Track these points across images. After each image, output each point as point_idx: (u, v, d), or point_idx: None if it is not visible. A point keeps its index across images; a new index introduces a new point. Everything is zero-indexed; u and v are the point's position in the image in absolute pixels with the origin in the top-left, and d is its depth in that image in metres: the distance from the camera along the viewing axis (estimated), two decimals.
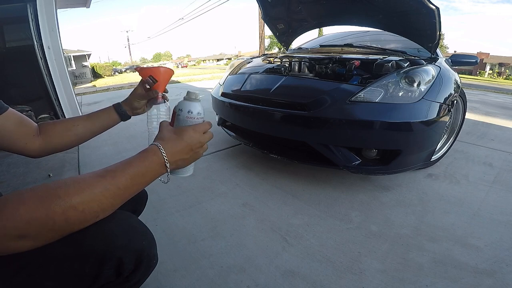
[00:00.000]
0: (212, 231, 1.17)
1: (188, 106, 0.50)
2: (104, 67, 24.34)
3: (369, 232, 1.16)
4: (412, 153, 1.37)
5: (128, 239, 0.45)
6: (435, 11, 1.49)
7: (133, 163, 0.42)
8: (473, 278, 0.91)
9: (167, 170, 0.45)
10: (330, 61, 1.89)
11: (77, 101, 3.36)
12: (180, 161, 0.47)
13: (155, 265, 0.52)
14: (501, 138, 2.49)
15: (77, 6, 4.45)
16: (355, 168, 1.37)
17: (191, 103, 0.50)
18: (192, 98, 0.50)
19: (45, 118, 2.76)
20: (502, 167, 1.81)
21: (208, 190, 1.53)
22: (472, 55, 2.21)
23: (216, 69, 23.16)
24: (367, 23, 2.18)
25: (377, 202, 1.39)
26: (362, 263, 0.99)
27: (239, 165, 1.85)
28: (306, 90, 1.55)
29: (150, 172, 0.43)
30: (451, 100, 1.47)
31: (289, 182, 1.61)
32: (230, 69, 2.28)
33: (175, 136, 0.47)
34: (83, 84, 14.07)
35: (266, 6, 2.32)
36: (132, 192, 0.42)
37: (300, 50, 2.66)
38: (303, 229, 1.18)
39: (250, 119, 1.65)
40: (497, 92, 7.97)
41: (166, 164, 0.44)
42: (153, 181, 0.45)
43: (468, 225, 1.20)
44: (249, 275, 0.94)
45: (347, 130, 1.31)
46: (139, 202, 0.77)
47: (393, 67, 1.49)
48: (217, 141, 2.33)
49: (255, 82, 1.79)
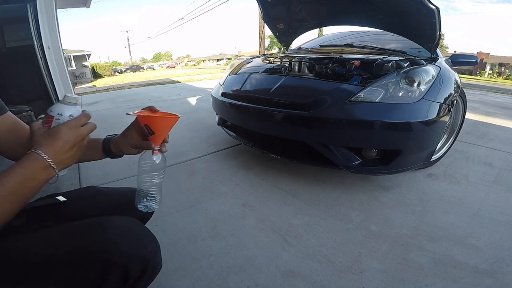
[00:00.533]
0: (212, 231, 1.17)
1: (69, 110, 0.48)
2: (104, 67, 24.34)
3: (369, 232, 1.16)
4: (412, 153, 1.37)
5: (134, 247, 0.46)
6: (435, 11, 1.49)
7: (17, 170, 0.42)
8: (473, 278, 0.91)
9: (55, 171, 0.45)
10: (330, 61, 1.89)
11: None
12: (67, 159, 0.47)
13: (159, 271, 0.52)
14: (501, 138, 2.49)
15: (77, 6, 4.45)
16: (355, 168, 1.37)
17: (72, 107, 0.49)
18: (73, 102, 0.49)
19: None
20: (502, 167, 1.81)
21: (208, 190, 1.53)
22: (472, 55, 2.21)
23: (216, 69, 23.17)
24: (367, 23, 2.18)
25: (377, 202, 1.39)
26: (362, 263, 0.99)
27: (239, 165, 1.85)
28: (306, 90, 1.55)
29: (37, 175, 0.43)
30: (451, 100, 1.47)
31: (289, 182, 1.60)
32: (230, 69, 2.28)
33: (51, 138, 0.46)
34: (83, 84, 14.08)
35: (266, 6, 2.32)
36: (25, 196, 0.42)
37: (300, 50, 2.66)
38: (303, 229, 1.18)
39: (250, 119, 1.65)
40: (497, 92, 7.96)
41: (53, 166, 0.44)
42: (46, 182, 0.45)
43: (468, 225, 1.20)
44: (249, 275, 0.94)
45: (347, 130, 1.31)
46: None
47: (393, 67, 1.49)
48: (217, 141, 2.33)
49: (255, 82, 1.79)
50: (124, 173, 1.73)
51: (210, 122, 2.99)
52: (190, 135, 2.57)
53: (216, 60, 62.67)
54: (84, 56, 19.99)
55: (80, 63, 19.16)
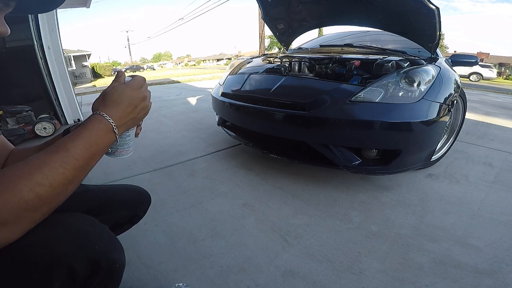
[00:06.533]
0: (212, 231, 1.17)
1: None
2: (104, 67, 24.32)
3: (369, 232, 1.16)
4: (412, 153, 1.37)
5: (77, 245, 0.44)
6: (435, 11, 1.49)
7: (81, 134, 0.41)
8: (473, 278, 0.91)
9: (116, 135, 0.44)
10: (330, 61, 1.89)
11: (77, 101, 3.36)
12: (129, 121, 0.46)
13: (120, 269, 0.50)
14: (501, 138, 2.49)
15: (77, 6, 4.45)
16: (355, 168, 1.37)
17: None
18: None
19: (45, 118, 2.76)
20: (502, 167, 1.81)
21: (208, 190, 1.53)
22: (472, 55, 2.21)
23: (216, 69, 23.16)
24: (367, 23, 2.18)
25: (377, 202, 1.39)
26: (362, 263, 0.99)
27: (239, 165, 1.85)
28: (306, 90, 1.55)
29: (101, 140, 0.42)
30: (451, 100, 1.46)
31: (289, 182, 1.60)
32: (230, 69, 2.28)
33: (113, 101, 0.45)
34: (83, 84, 14.06)
35: (266, 6, 2.32)
36: (92, 162, 0.42)
37: (300, 50, 2.66)
38: (303, 229, 1.18)
39: (250, 119, 1.65)
40: (497, 92, 7.96)
41: (115, 130, 0.43)
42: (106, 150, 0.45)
43: (468, 225, 1.20)
44: (249, 275, 0.94)
45: (347, 130, 1.31)
46: (138, 207, 0.76)
47: (393, 67, 1.49)
48: (217, 141, 2.33)
49: (255, 82, 1.79)
50: (124, 173, 1.73)
51: (210, 122, 2.99)
52: (190, 135, 2.57)
53: (216, 60, 62.64)
54: (84, 56, 19.97)
55: (80, 63, 19.14)
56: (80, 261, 0.43)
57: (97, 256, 0.45)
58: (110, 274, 0.48)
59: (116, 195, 0.73)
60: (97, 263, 0.45)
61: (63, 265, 0.42)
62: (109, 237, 0.50)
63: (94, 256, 0.45)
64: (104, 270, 0.46)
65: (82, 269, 0.43)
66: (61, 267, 0.42)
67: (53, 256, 0.42)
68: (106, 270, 0.46)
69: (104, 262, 0.46)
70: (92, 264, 0.44)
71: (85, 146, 0.40)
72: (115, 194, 0.73)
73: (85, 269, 0.44)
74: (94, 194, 0.70)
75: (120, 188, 0.77)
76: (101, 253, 0.46)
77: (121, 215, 0.72)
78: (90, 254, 0.45)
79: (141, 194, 0.78)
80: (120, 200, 0.72)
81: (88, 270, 0.44)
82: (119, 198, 0.72)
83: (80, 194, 0.70)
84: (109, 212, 0.68)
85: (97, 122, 0.42)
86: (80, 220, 0.49)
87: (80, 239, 0.45)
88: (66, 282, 0.43)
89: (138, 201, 0.77)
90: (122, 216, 0.72)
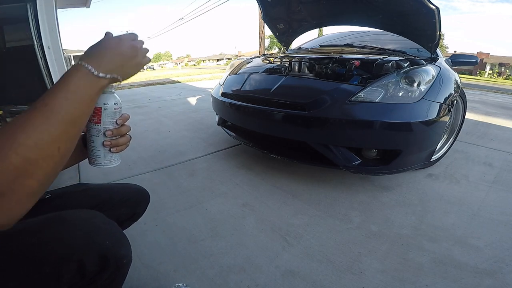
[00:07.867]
0: (212, 231, 1.17)
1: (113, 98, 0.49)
2: None
3: (369, 232, 1.16)
4: (412, 153, 1.37)
5: (88, 240, 0.44)
6: (435, 11, 1.49)
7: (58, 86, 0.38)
8: (473, 278, 0.91)
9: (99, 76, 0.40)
10: (330, 61, 1.89)
11: None
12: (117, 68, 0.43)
13: (127, 265, 0.51)
14: (501, 138, 2.49)
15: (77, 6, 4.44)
16: (355, 168, 1.37)
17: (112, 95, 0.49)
18: (112, 90, 0.49)
19: None
20: (502, 167, 1.81)
21: (208, 190, 1.53)
22: (472, 55, 2.21)
23: (216, 69, 23.15)
24: (367, 23, 2.18)
25: (377, 202, 1.39)
26: (362, 263, 0.99)
27: (239, 165, 1.85)
28: (306, 90, 1.55)
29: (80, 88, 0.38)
30: (451, 100, 1.47)
31: (289, 182, 1.60)
32: (230, 69, 2.28)
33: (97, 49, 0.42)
34: None
35: (266, 6, 2.32)
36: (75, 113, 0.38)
37: (300, 50, 2.66)
38: (303, 229, 1.18)
39: (250, 119, 1.65)
40: (497, 92, 7.96)
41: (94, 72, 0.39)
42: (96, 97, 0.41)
43: (468, 225, 1.20)
44: (249, 275, 0.94)
45: (347, 130, 1.31)
46: (138, 205, 0.77)
47: (393, 67, 1.49)
48: (217, 141, 2.33)
49: (255, 82, 1.79)
50: (124, 174, 1.73)
51: (210, 122, 2.99)
52: (190, 135, 2.57)
53: (216, 60, 62.69)
54: None
55: None
56: (91, 255, 0.44)
57: (107, 251, 0.46)
58: (118, 269, 0.49)
59: (116, 193, 0.73)
60: (106, 259, 0.45)
61: (74, 259, 0.42)
62: (118, 233, 0.50)
63: (104, 252, 0.45)
64: (112, 265, 0.47)
65: (92, 264, 0.44)
66: (71, 261, 0.42)
67: (65, 250, 0.42)
68: (114, 266, 0.47)
69: (113, 258, 0.46)
70: (101, 260, 0.45)
71: (64, 96, 0.37)
72: (115, 192, 0.73)
73: (95, 264, 0.44)
74: (94, 193, 0.71)
75: (120, 186, 0.78)
76: (111, 249, 0.46)
77: (122, 213, 0.73)
78: (100, 249, 0.45)
79: (140, 192, 0.78)
80: (120, 199, 0.73)
81: (97, 266, 0.45)
82: (119, 197, 0.73)
83: (80, 192, 0.70)
84: (110, 210, 0.69)
85: (74, 70, 0.39)
86: (92, 216, 0.49)
87: (93, 234, 0.46)
88: (75, 277, 0.43)
89: (138, 199, 0.77)
90: (122, 214, 0.73)
